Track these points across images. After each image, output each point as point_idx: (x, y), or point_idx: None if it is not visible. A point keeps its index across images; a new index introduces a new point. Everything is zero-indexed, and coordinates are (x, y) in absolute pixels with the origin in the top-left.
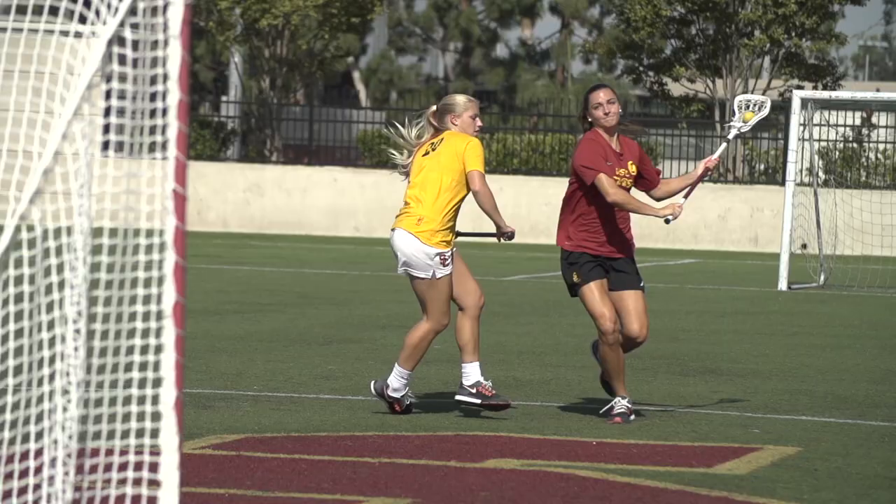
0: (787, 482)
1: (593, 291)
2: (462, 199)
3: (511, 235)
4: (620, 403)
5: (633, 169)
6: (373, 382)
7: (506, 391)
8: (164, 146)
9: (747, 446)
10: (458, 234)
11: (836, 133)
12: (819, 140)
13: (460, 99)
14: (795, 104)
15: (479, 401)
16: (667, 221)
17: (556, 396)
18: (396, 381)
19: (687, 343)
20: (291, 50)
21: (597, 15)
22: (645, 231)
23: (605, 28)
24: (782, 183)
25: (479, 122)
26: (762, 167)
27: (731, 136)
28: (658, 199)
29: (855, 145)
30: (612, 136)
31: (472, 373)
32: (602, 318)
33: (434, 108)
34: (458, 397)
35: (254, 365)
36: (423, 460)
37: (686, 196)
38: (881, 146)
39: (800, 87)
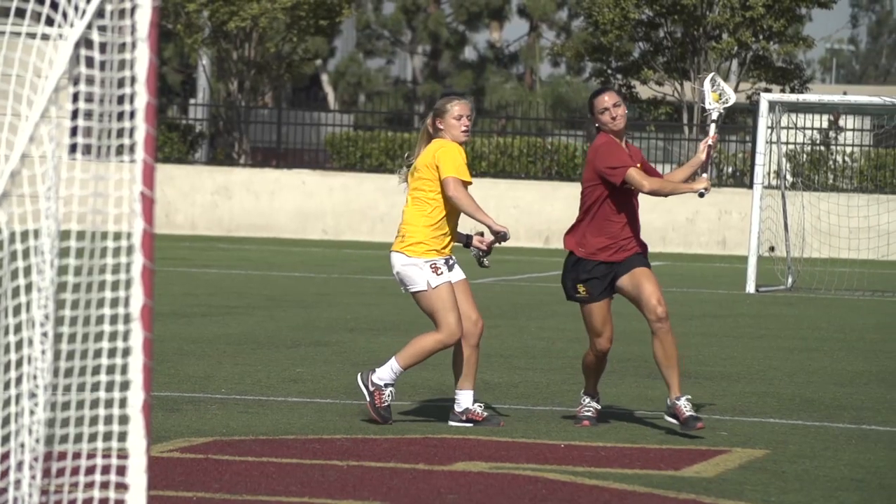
0: (754, 484)
1: (596, 311)
2: (451, 208)
3: (504, 235)
4: (590, 405)
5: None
6: (359, 374)
7: (475, 394)
8: (131, 149)
9: (715, 449)
10: (467, 243)
11: (804, 136)
12: (787, 143)
13: (444, 101)
14: (763, 107)
15: (469, 425)
16: (701, 195)
17: (525, 399)
18: (385, 372)
19: None
20: (259, 52)
21: (565, 18)
22: None
23: (574, 31)
24: (750, 186)
25: (465, 123)
26: (730, 170)
27: (715, 117)
28: (665, 195)
29: (822, 148)
30: (621, 140)
31: (462, 400)
32: (599, 339)
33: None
34: (450, 422)
35: (222, 368)
36: (391, 463)
37: (705, 171)
38: (848, 149)
39: (767, 90)
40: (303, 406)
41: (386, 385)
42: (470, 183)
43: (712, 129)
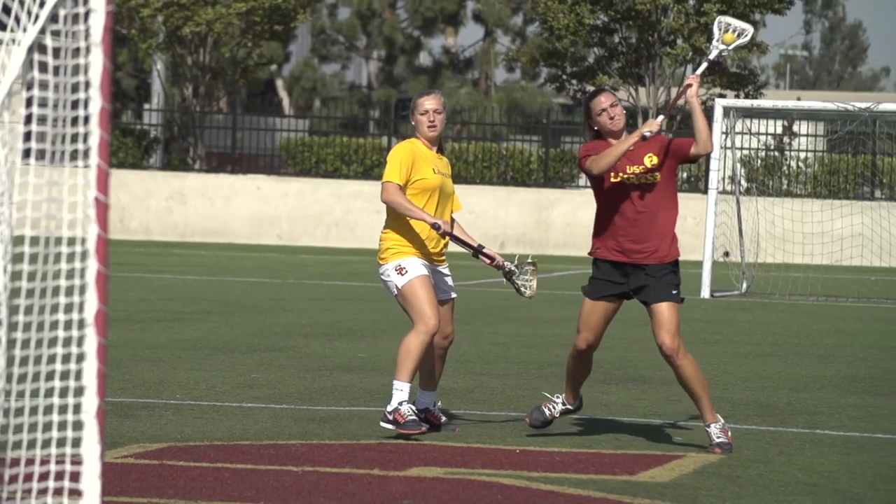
0: (709, 489)
1: (587, 308)
2: (427, 208)
3: (437, 227)
4: (555, 406)
5: (652, 161)
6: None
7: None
8: (86, 154)
9: (669, 454)
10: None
11: (758, 141)
12: (741, 148)
13: (414, 97)
14: (717, 112)
15: (392, 427)
16: (644, 138)
17: (480, 404)
18: (393, 399)
19: (610, 351)
20: (214, 58)
21: (520, 23)
22: (569, 239)
23: (529, 36)
24: (705, 191)
25: (430, 118)
26: (685, 175)
27: (712, 56)
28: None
29: (776, 153)
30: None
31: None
32: (579, 336)
33: None
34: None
35: (176, 373)
36: (346, 469)
37: (665, 113)
38: (802, 154)
39: (722, 96)
40: (258, 411)
41: (401, 403)
42: (399, 185)
43: (702, 67)
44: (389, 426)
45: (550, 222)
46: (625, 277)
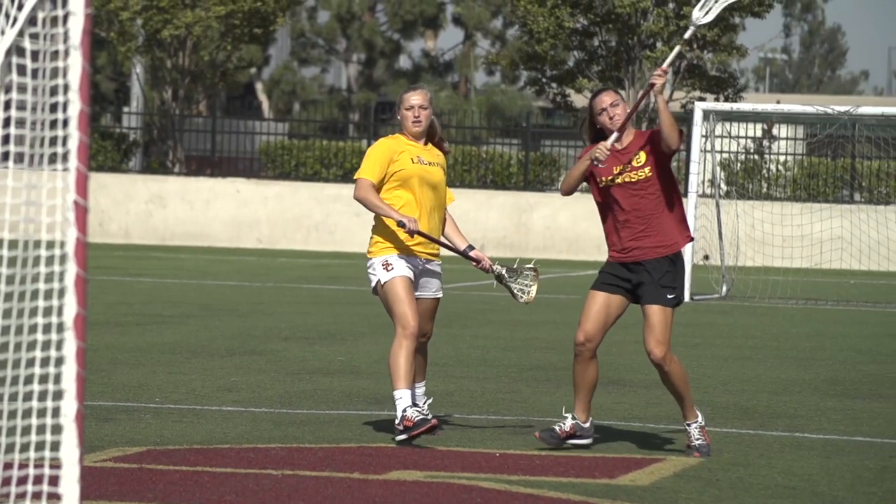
0: (689, 493)
1: (590, 298)
2: (398, 206)
3: (402, 225)
4: (565, 422)
5: (640, 159)
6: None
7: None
8: (64, 157)
9: (649, 457)
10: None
11: (738, 145)
12: (721, 152)
13: (400, 93)
14: (697, 116)
15: (406, 436)
16: (596, 162)
17: (460, 408)
18: (397, 410)
19: None
20: (194, 61)
21: (500, 26)
22: (548, 242)
23: (509, 39)
24: (684, 194)
25: (415, 114)
26: None
27: (687, 35)
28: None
29: (756, 157)
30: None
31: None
32: (578, 328)
33: None
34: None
35: (156, 377)
36: (326, 472)
37: (622, 126)
38: (782, 158)
39: (701, 99)
40: (237, 415)
41: (404, 410)
42: (372, 182)
43: (673, 53)
44: (404, 436)
45: (530, 226)
46: (629, 274)
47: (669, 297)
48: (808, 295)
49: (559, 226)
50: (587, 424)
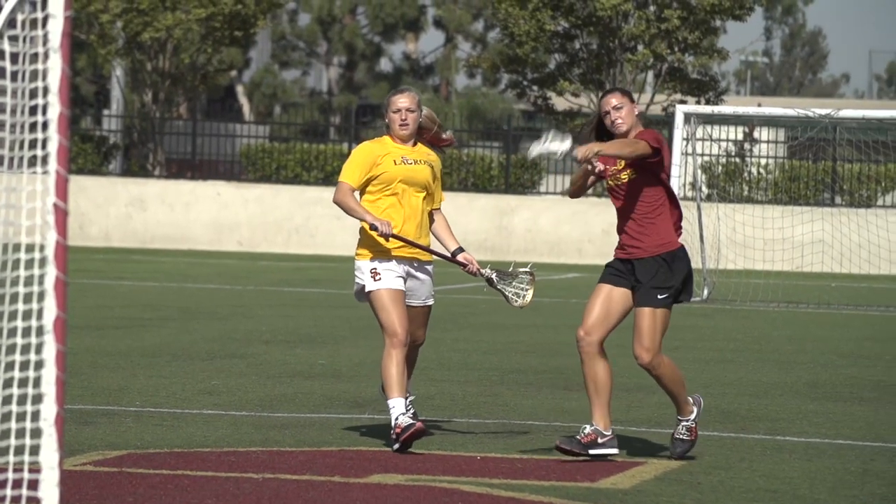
0: (670, 496)
1: (595, 290)
2: (381, 208)
3: (375, 228)
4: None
5: (620, 163)
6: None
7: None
8: (44, 160)
9: (631, 460)
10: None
11: (719, 148)
12: (702, 155)
13: (388, 96)
14: (678, 119)
15: (398, 445)
16: (589, 167)
17: (441, 411)
18: (391, 415)
19: (571, 358)
20: (174, 63)
21: (481, 29)
22: (530, 245)
23: (490, 42)
24: None
25: (402, 117)
26: None
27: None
28: (577, 192)
29: (737, 160)
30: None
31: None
32: (581, 323)
33: None
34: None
35: (136, 380)
36: (307, 476)
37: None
38: (763, 161)
39: (683, 102)
40: (218, 419)
41: (396, 419)
42: (352, 186)
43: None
44: (397, 445)
45: (511, 228)
46: (630, 270)
47: (660, 297)
48: (790, 298)
49: (540, 229)
50: (608, 432)
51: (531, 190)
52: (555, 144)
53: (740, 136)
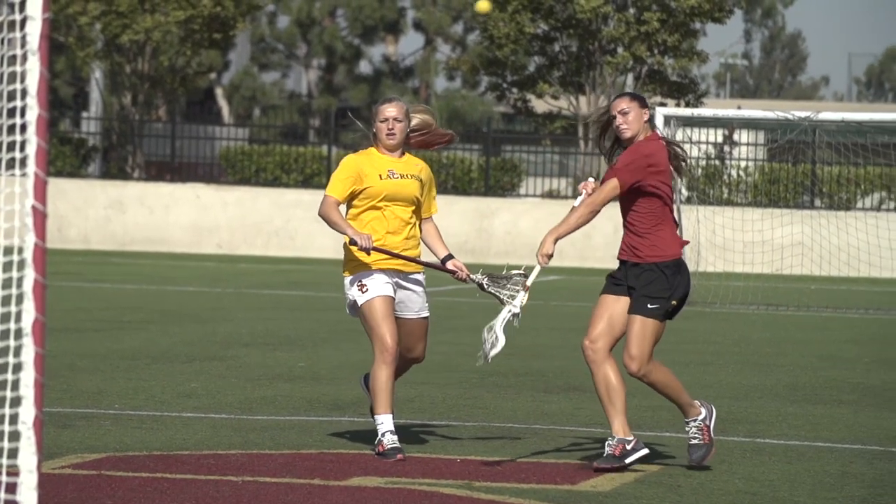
0: (650, 498)
1: (599, 300)
2: (365, 221)
3: (354, 243)
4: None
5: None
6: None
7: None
8: (23, 162)
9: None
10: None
11: (699, 150)
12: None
13: (375, 105)
14: (658, 121)
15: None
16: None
17: (421, 414)
18: (378, 431)
19: (551, 360)
20: (153, 66)
21: (460, 32)
22: (510, 248)
23: (469, 45)
24: None
25: (388, 126)
26: None
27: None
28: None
29: (717, 162)
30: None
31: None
32: (587, 331)
33: None
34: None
35: (115, 383)
36: (286, 478)
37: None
38: (742, 163)
39: (662, 105)
40: (197, 421)
41: (383, 435)
42: (337, 199)
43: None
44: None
45: (491, 231)
46: (626, 274)
47: (650, 306)
48: (769, 300)
49: (520, 231)
50: (630, 437)
51: (511, 192)
52: (500, 337)
53: (720, 139)
